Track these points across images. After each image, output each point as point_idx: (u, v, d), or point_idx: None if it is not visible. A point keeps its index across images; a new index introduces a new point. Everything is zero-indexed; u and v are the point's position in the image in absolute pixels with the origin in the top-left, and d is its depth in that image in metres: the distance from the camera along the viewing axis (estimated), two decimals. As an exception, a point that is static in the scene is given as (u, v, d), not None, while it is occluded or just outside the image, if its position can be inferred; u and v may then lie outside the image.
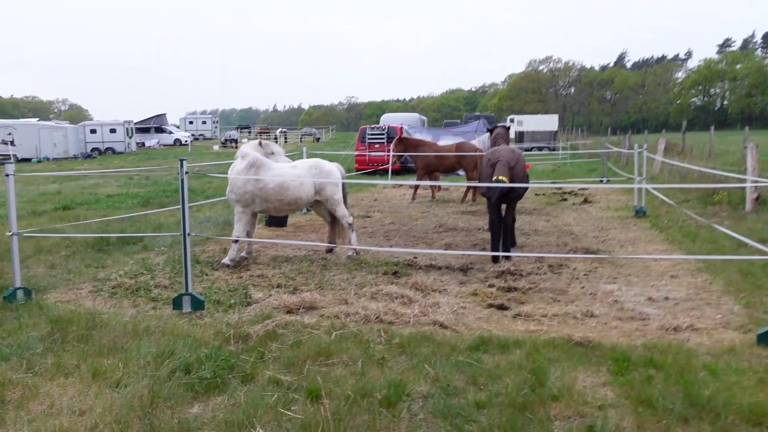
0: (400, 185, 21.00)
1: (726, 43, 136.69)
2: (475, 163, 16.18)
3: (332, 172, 9.44)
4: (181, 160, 6.43)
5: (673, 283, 7.88)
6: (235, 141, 50.90)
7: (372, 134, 26.26)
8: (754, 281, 7.71)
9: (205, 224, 12.89)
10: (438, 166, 16.54)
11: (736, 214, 12.43)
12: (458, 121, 54.54)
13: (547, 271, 8.62)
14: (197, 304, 6.45)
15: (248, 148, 9.22)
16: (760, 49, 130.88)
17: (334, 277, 8.29)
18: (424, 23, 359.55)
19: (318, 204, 9.74)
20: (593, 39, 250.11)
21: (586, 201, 16.01)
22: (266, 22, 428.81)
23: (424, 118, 40.67)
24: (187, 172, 6.43)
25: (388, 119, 35.01)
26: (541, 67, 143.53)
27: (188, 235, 6.55)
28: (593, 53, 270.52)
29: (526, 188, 9.79)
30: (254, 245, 9.89)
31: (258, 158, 8.96)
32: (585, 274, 8.46)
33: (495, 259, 9.29)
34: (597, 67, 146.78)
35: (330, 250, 10.02)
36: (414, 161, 16.79)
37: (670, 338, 5.76)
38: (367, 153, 25.80)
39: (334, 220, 9.84)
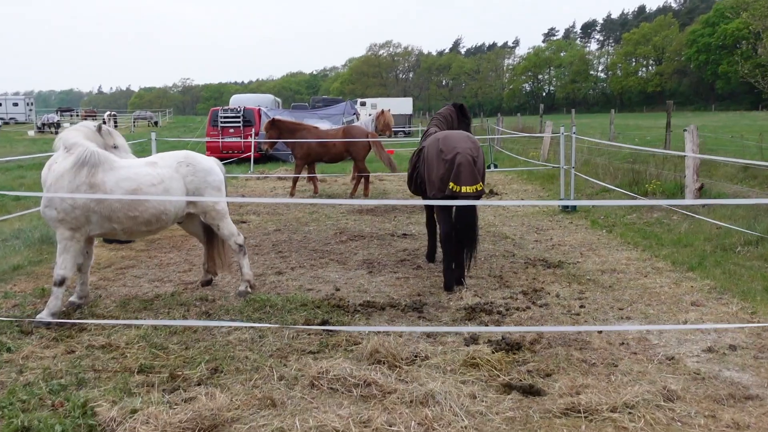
0: (266, 177, 17.82)
1: (550, 33, 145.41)
2: (367, 151, 13.50)
3: (212, 170, 6.30)
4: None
5: (707, 316, 5.76)
6: (56, 125, 43.61)
7: (225, 117, 22.57)
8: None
9: (12, 243, 9.05)
10: (322, 155, 13.64)
11: (678, 208, 10.83)
12: (306, 104, 51.42)
13: (529, 304, 6.20)
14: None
15: (76, 135, 5.77)
16: (579, 38, 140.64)
17: (230, 338, 5.24)
18: (262, 4, 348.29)
19: (190, 218, 6.55)
20: (430, 25, 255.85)
21: (492, 193, 13.95)
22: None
23: (278, 99, 37.15)
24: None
25: (240, 100, 31.11)
26: (381, 52, 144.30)
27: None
28: (430, 39, 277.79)
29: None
30: (91, 281, 6.50)
31: (93, 151, 5.60)
32: (582, 306, 6.14)
33: (448, 287, 6.73)
34: (434, 53, 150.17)
35: (208, 283, 6.90)
36: (292, 149, 13.76)
37: None
38: (221, 139, 22.15)
39: (211, 240, 6.71)
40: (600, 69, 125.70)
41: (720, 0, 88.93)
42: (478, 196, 6.64)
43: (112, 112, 50.92)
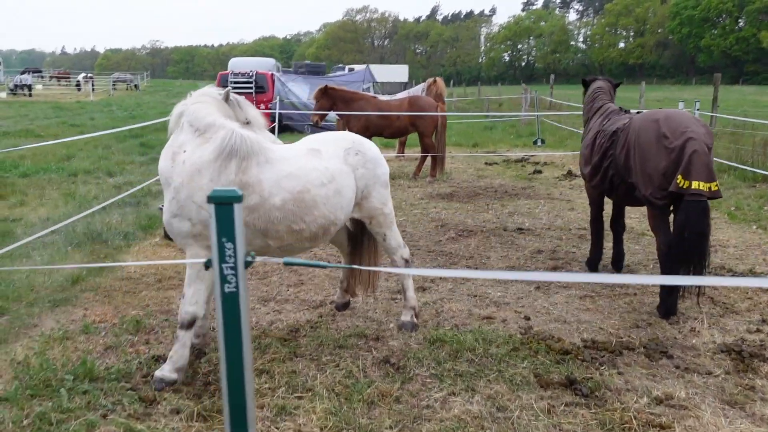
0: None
1: (529, 2, 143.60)
2: (435, 125, 11.78)
3: (380, 160, 4.56)
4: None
5: None
6: (28, 87, 40.15)
7: (236, 82, 20.48)
8: None
9: (51, 240, 7.15)
10: (383, 129, 11.87)
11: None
12: (290, 69, 49.10)
13: (796, 344, 4.66)
14: None
15: (209, 110, 3.95)
16: (558, 8, 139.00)
17: (456, 412, 3.59)
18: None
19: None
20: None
21: (569, 173, 12.38)
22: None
23: (278, 64, 34.78)
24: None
25: (240, 64, 28.75)
26: (357, 17, 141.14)
27: None
28: (407, 5, 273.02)
29: None
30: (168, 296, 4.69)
31: (243, 135, 3.81)
32: None
33: (666, 314, 5.20)
34: (411, 20, 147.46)
35: (346, 306, 5.20)
36: (346, 122, 11.94)
37: None
38: (231, 107, 20.04)
39: (359, 251, 4.99)
40: (580, 40, 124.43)
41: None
42: (712, 197, 5.05)
43: (88, 74, 47.70)
